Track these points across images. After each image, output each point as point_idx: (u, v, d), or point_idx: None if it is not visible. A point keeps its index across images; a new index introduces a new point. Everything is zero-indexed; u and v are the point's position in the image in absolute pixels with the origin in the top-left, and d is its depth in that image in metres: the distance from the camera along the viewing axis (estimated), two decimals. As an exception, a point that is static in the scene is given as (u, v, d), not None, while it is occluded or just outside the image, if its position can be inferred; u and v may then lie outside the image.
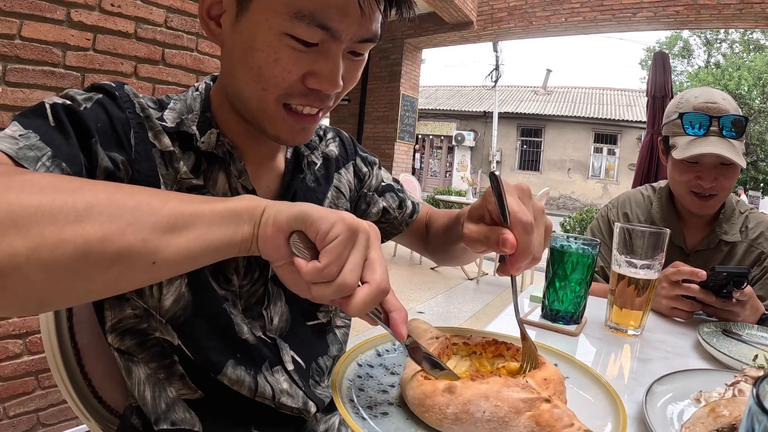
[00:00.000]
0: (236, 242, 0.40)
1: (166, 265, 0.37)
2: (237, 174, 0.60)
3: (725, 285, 0.89)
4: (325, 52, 0.52)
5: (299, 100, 0.54)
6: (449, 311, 3.81)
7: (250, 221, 0.40)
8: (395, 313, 0.43)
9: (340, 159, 0.77)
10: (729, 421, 0.46)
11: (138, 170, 0.54)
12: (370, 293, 0.38)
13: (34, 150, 0.43)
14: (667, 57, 3.89)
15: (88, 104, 0.52)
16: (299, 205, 0.40)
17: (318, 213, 0.39)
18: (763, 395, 0.21)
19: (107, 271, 0.35)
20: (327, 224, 0.38)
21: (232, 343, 0.61)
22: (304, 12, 0.48)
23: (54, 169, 0.44)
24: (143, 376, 0.61)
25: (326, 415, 0.71)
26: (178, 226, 0.37)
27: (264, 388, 0.62)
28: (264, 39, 0.50)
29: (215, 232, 0.39)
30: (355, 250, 0.39)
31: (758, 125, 14.08)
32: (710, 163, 1.08)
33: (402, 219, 0.83)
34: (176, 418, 0.60)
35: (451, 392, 0.42)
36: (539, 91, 19.97)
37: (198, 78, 1.93)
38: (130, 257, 0.35)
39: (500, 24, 6.03)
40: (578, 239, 0.85)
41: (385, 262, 0.41)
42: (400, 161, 6.90)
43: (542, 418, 0.41)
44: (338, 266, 0.38)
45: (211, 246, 0.39)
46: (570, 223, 6.22)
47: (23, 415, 1.52)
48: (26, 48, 1.43)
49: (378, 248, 0.41)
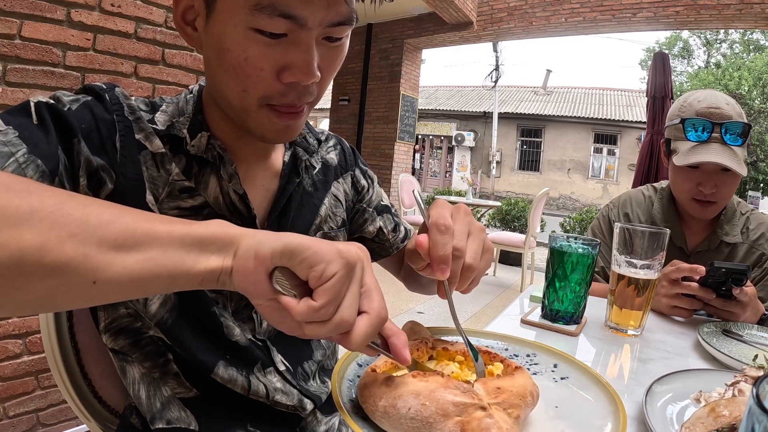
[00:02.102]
0: (197, 272, 0.35)
1: (109, 287, 0.33)
2: (227, 178, 0.60)
3: (724, 282, 0.88)
4: (296, 42, 0.49)
5: (279, 99, 0.53)
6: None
7: (220, 251, 0.36)
8: (394, 338, 0.40)
9: (339, 168, 0.76)
10: (729, 421, 0.46)
11: (123, 174, 0.54)
12: (370, 325, 0.36)
13: (8, 146, 0.43)
14: (667, 57, 3.89)
15: (74, 105, 0.51)
16: (285, 237, 0.35)
17: (310, 248, 0.35)
18: (763, 395, 0.21)
19: (41, 284, 0.31)
20: (322, 262, 0.34)
21: (223, 345, 0.61)
22: (264, 3, 0.46)
23: (28, 164, 0.43)
24: (138, 375, 0.61)
25: (327, 416, 0.71)
26: (128, 245, 0.33)
27: (257, 387, 0.62)
28: (231, 37, 0.49)
29: (172, 256, 0.34)
30: (352, 285, 0.36)
31: (758, 125, 14.07)
32: (711, 170, 1.07)
33: (393, 242, 0.82)
34: (172, 417, 0.60)
35: (387, 385, 0.41)
36: (539, 91, 19.97)
37: (198, 78, 1.93)
38: (68, 272, 0.31)
39: (500, 24, 6.03)
40: (578, 239, 0.85)
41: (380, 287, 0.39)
42: (400, 161, 6.90)
43: (469, 426, 0.39)
44: (335, 306, 0.35)
45: (164, 272, 0.34)
46: (570, 223, 6.22)
47: (23, 415, 1.52)
48: (26, 48, 1.43)
49: (371, 272, 0.38)
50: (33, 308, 0.34)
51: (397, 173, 6.66)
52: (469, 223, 0.51)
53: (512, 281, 5.08)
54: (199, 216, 0.59)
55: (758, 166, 14.20)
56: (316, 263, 0.34)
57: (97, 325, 0.61)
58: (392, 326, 0.41)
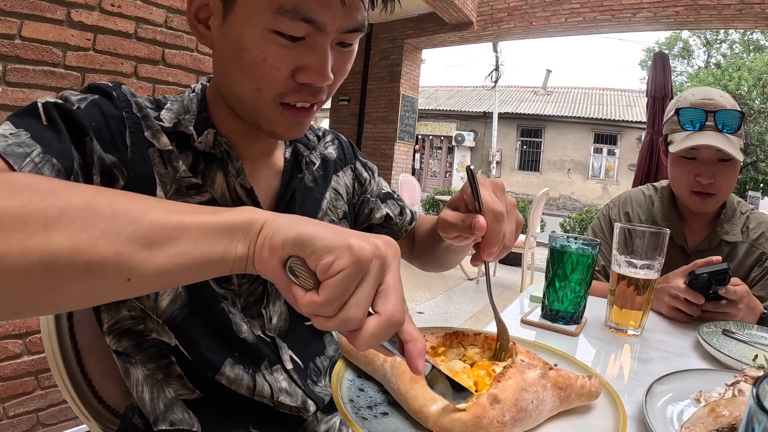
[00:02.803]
0: (228, 261, 0.35)
1: (143, 282, 0.33)
2: (235, 173, 0.61)
3: (709, 286, 0.89)
4: (312, 45, 0.52)
5: (293, 97, 0.55)
6: (449, 311, 3.80)
7: (245, 238, 0.36)
8: (411, 344, 0.36)
9: (338, 162, 0.78)
10: (729, 421, 0.46)
11: (134, 170, 0.54)
12: (379, 327, 0.34)
13: (23, 147, 0.43)
14: (667, 57, 3.89)
15: (83, 104, 0.52)
16: (300, 225, 0.35)
17: (322, 239, 0.33)
18: (763, 395, 0.21)
19: (76, 284, 0.32)
20: (330, 255, 0.33)
21: (230, 342, 0.61)
22: (287, 7, 0.48)
23: (44, 164, 0.43)
24: (141, 377, 0.61)
25: (327, 416, 0.71)
26: (159, 240, 0.33)
27: (262, 386, 0.62)
28: (250, 38, 0.51)
29: (202, 248, 0.34)
30: (364, 282, 0.34)
31: (758, 125, 14.07)
32: (708, 159, 1.08)
33: (402, 225, 0.84)
34: (175, 419, 0.60)
35: (497, 401, 0.42)
36: (539, 91, 19.96)
37: (198, 78, 1.93)
38: (102, 271, 0.32)
39: (500, 24, 6.03)
40: (578, 239, 0.85)
41: (402, 287, 0.36)
42: (399, 161, 6.90)
43: (558, 383, 0.46)
44: (339, 303, 0.33)
45: (197, 264, 0.34)
46: (570, 223, 6.21)
47: (23, 415, 1.52)
48: (26, 48, 1.43)
49: (395, 271, 0.36)
50: (69, 307, 0.35)
51: (397, 173, 6.65)
52: (507, 201, 0.53)
53: (512, 281, 5.08)
54: None
55: (758, 166, 14.18)
56: (324, 256, 0.33)
57: (100, 326, 0.61)
58: (411, 330, 0.37)
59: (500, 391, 0.42)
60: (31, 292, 0.31)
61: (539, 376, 0.45)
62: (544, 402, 0.44)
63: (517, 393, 0.42)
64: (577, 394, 0.48)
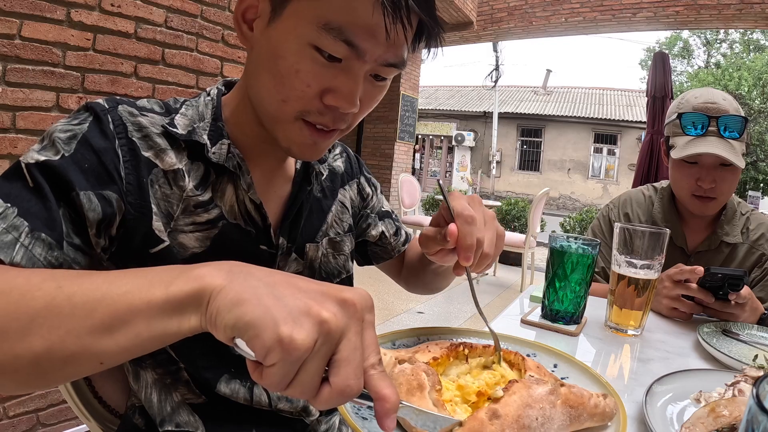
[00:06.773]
0: (184, 332, 0.35)
1: (115, 359, 0.36)
2: (245, 187, 0.60)
3: (721, 287, 0.89)
4: (347, 70, 0.51)
5: (315, 117, 0.54)
6: (449, 311, 3.80)
7: (197, 311, 0.35)
8: (378, 404, 0.34)
9: (346, 175, 0.78)
10: (729, 421, 0.46)
11: (130, 203, 0.54)
12: (331, 397, 0.33)
13: (12, 232, 0.44)
14: (667, 57, 3.89)
15: (71, 146, 0.50)
16: (241, 306, 0.32)
17: (254, 328, 0.31)
18: (763, 395, 0.21)
19: (61, 373, 0.37)
20: (263, 349, 0.31)
21: (227, 359, 0.62)
22: (333, 25, 0.48)
23: (34, 245, 0.45)
24: (150, 380, 0.62)
25: (327, 416, 0.72)
26: (115, 326, 0.35)
27: (260, 397, 0.63)
28: (290, 47, 0.51)
29: (155, 327, 0.35)
30: (308, 363, 0.32)
31: (758, 125, 14.06)
32: (709, 164, 1.07)
33: (395, 246, 0.84)
34: (180, 421, 0.61)
35: (497, 416, 0.41)
36: (539, 91, 19.97)
37: (198, 78, 1.93)
38: (77, 361, 0.36)
39: (500, 24, 6.03)
40: (578, 239, 0.85)
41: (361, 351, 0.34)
42: (399, 161, 6.90)
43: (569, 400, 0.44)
44: (282, 385, 0.32)
45: (156, 339, 0.35)
46: (570, 223, 6.21)
47: (23, 415, 1.52)
48: (26, 48, 1.43)
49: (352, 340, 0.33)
50: (64, 382, 0.40)
51: (397, 173, 6.65)
52: (484, 212, 0.55)
53: (512, 281, 5.08)
54: (215, 229, 0.59)
55: (758, 166, 14.18)
56: (258, 348, 0.31)
57: None
58: (379, 387, 0.34)
59: (501, 406, 0.41)
60: (31, 381, 0.38)
61: (548, 393, 0.44)
62: (551, 420, 0.43)
63: (520, 409, 0.41)
64: (590, 413, 0.46)
